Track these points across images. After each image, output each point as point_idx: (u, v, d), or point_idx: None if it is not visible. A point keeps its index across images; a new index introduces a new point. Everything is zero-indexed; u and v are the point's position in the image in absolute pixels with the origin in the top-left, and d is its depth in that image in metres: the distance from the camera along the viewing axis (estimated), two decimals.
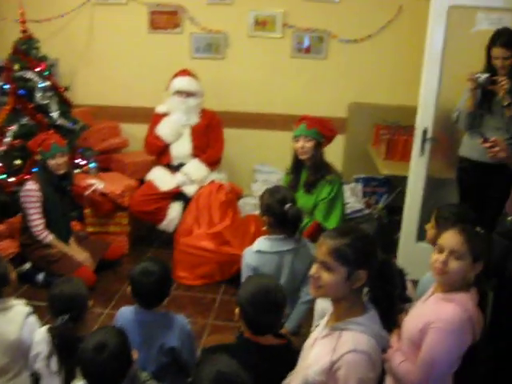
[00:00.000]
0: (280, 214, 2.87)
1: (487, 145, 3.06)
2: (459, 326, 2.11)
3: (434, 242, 2.66)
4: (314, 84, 5.33)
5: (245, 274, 2.95)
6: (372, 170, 5.20)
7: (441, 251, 2.22)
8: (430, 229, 2.75)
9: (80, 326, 2.47)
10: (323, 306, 2.63)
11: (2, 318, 2.60)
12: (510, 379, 2.89)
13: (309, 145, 3.65)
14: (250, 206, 4.87)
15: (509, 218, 2.97)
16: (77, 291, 2.57)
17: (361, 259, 1.85)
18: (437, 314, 2.15)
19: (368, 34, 5.17)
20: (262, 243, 2.96)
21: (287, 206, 2.88)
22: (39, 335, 2.54)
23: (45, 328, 2.55)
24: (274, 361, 2.21)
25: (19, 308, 2.66)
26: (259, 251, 2.92)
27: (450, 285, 2.21)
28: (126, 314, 2.60)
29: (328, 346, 1.89)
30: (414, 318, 2.25)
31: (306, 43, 5.25)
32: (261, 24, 5.21)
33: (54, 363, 2.40)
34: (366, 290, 1.94)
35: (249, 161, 5.45)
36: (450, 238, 2.20)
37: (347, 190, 5.03)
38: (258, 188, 5.19)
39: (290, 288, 2.92)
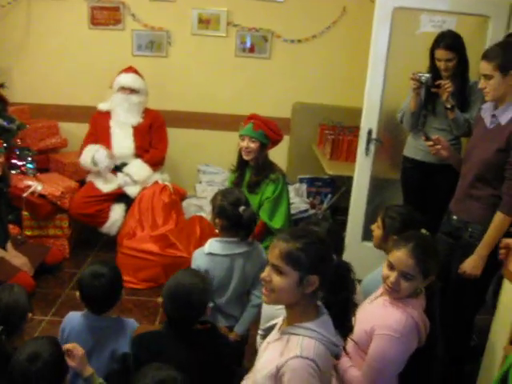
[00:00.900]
0: (234, 217, 2.81)
1: (429, 143, 3.09)
2: (406, 334, 2.13)
3: (379, 242, 2.72)
4: (258, 84, 5.30)
5: None
6: (317, 170, 5.21)
7: (391, 269, 2.22)
8: (376, 229, 2.75)
9: (16, 339, 2.34)
10: (270, 308, 2.58)
11: None
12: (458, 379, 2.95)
13: (253, 146, 3.61)
14: (194, 207, 4.79)
15: (454, 217, 3.01)
16: (16, 301, 2.42)
17: (314, 264, 1.80)
18: (384, 320, 2.16)
19: (312, 35, 5.18)
20: (213, 245, 2.88)
21: (241, 208, 2.81)
22: None
23: None
24: (198, 344, 2.25)
25: None
26: (210, 253, 2.84)
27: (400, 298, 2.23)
28: (74, 319, 2.49)
29: (277, 350, 1.85)
30: (361, 320, 2.22)
31: (250, 43, 5.20)
32: (204, 22, 5.13)
33: None
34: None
35: (193, 161, 5.37)
36: (401, 260, 2.19)
37: (292, 190, 5.03)
38: (203, 189, 5.13)
39: (240, 291, 2.89)
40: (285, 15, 5.11)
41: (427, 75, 3.53)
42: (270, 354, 1.89)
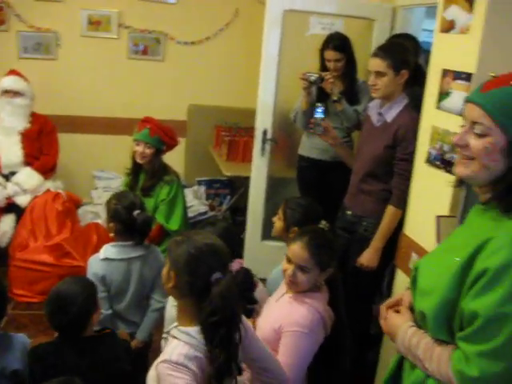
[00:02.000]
0: (128, 221, 2.75)
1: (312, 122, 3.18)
2: (313, 327, 2.18)
3: (280, 233, 2.78)
4: (152, 86, 5.23)
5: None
6: (214, 172, 5.21)
7: (289, 262, 2.26)
8: (277, 221, 2.81)
9: None
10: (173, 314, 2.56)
11: None
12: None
13: (148, 151, 3.57)
14: (90, 214, 4.65)
15: (348, 212, 3.10)
16: None
17: None
18: (291, 317, 2.19)
19: (205, 36, 5.18)
20: (108, 250, 2.82)
21: (136, 212, 2.77)
22: None
23: None
24: (94, 352, 2.22)
25: None
26: (106, 259, 2.78)
27: (301, 291, 2.27)
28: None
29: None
30: (268, 318, 2.27)
31: (143, 45, 5.12)
32: (95, 24, 4.99)
33: None
34: None
35: (87, 167, 5.20)
36: (297, 253, 2.24)
37: (190, 192, 5.00)
38: (99, 195, 4.99)
39: (139, 296, 2.86)
40: (178, 17, 5.08)
41: (316, 75, 3.61)
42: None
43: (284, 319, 2.19)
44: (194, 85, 5.28)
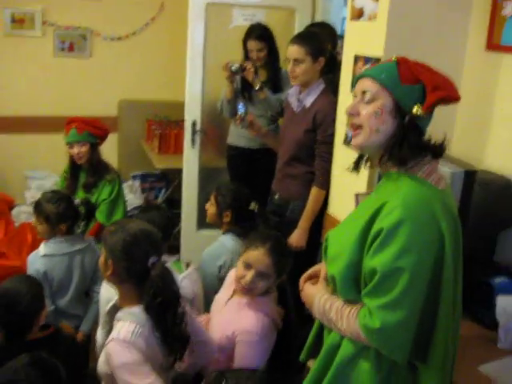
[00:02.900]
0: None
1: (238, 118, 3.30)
2: (264, 333, 2.26)
3: (214, 218, 2.93)
4: (80, 83, 5.22)
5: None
6: (148, 166, 5.25)
7: (248, 267, 2.27)
8: (210, 207, 2.96)
9: None
10: (108, 296, 2.60)
11: None
12: None
13: (84, 149, 3.57)
14: (24, 214, 4.63)
15: (276, 197, 3.24)
16: None
17: None
18: (242, 325, 2.26)
19: (132, 31, 5.21)
20: (47, 247, 2.87)
21: (76, 201, 2.95)
22: None
23: None
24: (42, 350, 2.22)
25: None
26: (46, 255, 2.83)
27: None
28: None
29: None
30: (219, 322, 2.35)
31: (68, 42, 5.11)
32: (18, 22, 4.94)
33: None
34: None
35: (19, 167, 5.14)
36: (259, 259, 2.25)
37: (125, 187, 5.02)
38: (32, 195, 4.95)
39: (82, 289, 2.94)
40: (103, 13, 5.09)
41: (237, 65, 3.71)
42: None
43: (235, 326, 2.26)
44: (122, 80, 5.30)
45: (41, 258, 2.84)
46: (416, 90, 1.58)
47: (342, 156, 2.84)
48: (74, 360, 2.34)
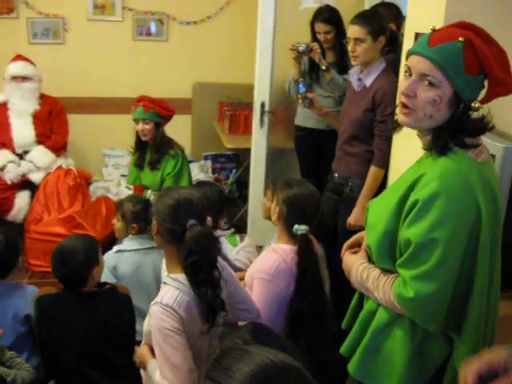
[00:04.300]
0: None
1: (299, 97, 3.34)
2: (276, 275, 2.31)
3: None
4: (157, 66, 5.41)
5: (104, 274, 2.88)
6: (220, 147, 5.39)
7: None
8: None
9: None
10: None
11: None
12: None
13: (148, 127, 3.75)
14: (101, 189, 4.90)
15: (335, 175, 3.28)
16: None
17: None
18: (261, 264, 2.38)
19: (207, 16, 5.34)
20: (120, 244, 3.05)
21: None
22: None
23: None
24: (96, 304, 2.42)
25: None
26: (119, 251, 2.99)
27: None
28: None
29: None
30: (252, 265, 2.47)
31: (146, 26, 5.31)
32: (100, 8, 5.19)
33: None
34: None
35: (97, 146, 5.43)
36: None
37: (197, 167, 5.20)
38: (109, 172, 5.23)
39: (156, 287, 2.94)
40: None
41: (304, 45, 3.75)
42: None
43: (257, 266, 2.39)
44: (197, 63, 5.45)
45: (113, 254, 3.01)
46: (478, 81, 1.57)
47: (401, 134, 2.83)
48: (126, 317, 2.48)
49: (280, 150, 4.69)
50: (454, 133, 1.59)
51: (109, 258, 2.99)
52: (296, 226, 2.35)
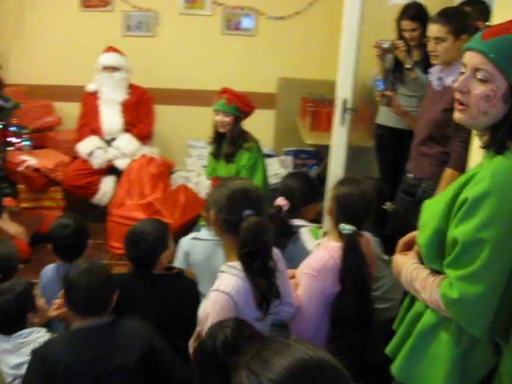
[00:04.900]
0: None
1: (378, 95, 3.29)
2: (322, 272, 2.28)
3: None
4: (243, 60, 5.49)
5: (178, 258, 3.02)
6: (302, 143, 5.40)
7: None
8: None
9: None
10: None
11: None
12: None
13: (228, 119, 3.83)
14: (182, 178, 5.04)
15: (409, 175, 3.22)
16: (10, 253, 2.72)
17: None
18: (309, 260, 2.36)
19: (295, 11, 5.35)
20: (201, 232, 3.09)
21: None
22: None
23: None
24: (163, 286, 2.50)
25: None
26: (195, 238, 3.04)
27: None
28: (48, 271, 2.76)
29: None
30: (302, 262, 2.45)
31: (237, 20, 5.40)
32: (191, 2, 5.33)
33: None
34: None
35: (182, 136, 5.57)
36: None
37: (277, 162, 5.24)
38: (192, 163, 5.36)
39: None
40: None
41: (388, 42, 3.71)
42: None
43: (305, 262, 2.38)
44: (283, 58, 5.48)
45: (188, 240, 3.07)
46: None
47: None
48: (190, 301, 2.53)
49: (360, 149, 4.64)
50: (511, 130, 1.53)
51: (183, 243, 3.06)
52: (342, 225, 2.30)
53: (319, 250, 2.40)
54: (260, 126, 4.15)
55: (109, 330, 2.16)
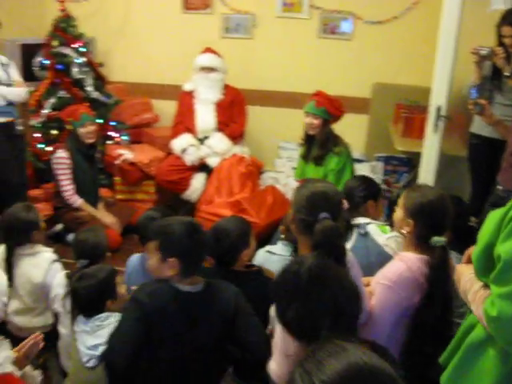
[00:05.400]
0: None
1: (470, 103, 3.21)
2: (398, 283, 2.20)
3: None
4: (339, 64, 5.48)
5: None
6: (394, 149, 5.32)
7: None
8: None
9: None
10: None
11: (29, 261, 2.90)
12: None
13: (316, 122, 3.87)
14: (271, 179, 5.10)
15: (498, 187, 3.11)
16: (99, 241, 2.86)
17: None
18: (385, 270, 2.30)
19: (393, 16, 5.28)
20: (277, 246, 3.09)
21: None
22: (59, 279, 2.84)
23: (64, 273, 2.85)
24: (242, 283, 2.49)
25: (46, 254, 2.96)
26: (269, 251, 3.06)
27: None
28: (133, 261, 2.88)
29: None
30: (378, 272, 2.40)
31: (336, 24, 5.40)
32: (288, 5, 5.39)
33: (69, 304, 2.67)
34: None
35: (274, 138, 5.63)
36: None
37: (367, 167, 5.19)
38: (282, 164, 5.41)
39: None
40: None
41: (487, 49, 3.59)
42: None
43: (381, 272, 2.32)
44: (379, 63, 5.42)
45: (263, 253, 3.08)
46: None
47: None
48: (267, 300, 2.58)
49: (452, 158, 4.52)
50: None
51: (259, 255, 3.08)
52: (435, 238, 2.19)
53: (395, 261, 2.33)
54: (352, 130, 4.14)
55: (204, 294, 2.21)
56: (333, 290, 1.63)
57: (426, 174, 4.38)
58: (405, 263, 2.24)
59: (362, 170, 5.08)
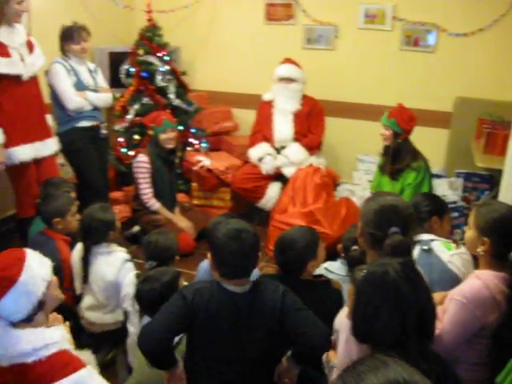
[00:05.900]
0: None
1: None
2: (473, 301, 2.14)
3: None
4: (420, 77, 5.38)
5: None
6: (475, 166, 5.17)
7: None
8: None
9: None
10: None
11: (104, 259, 3.04)
12: None
13: (387, 133, 3.89)
14: (347, 191, 5.08)
15: None
16: (169, 245, 2.95)
17: None
18: (461, 287, 2.24)
19: (478, 28, 5.15)
20: (335, 264, 3.07)
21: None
22: (129, 279, 2.95)
23: (134, 273, 2.96)
24: (308, 292, 2.50)
25: (120, 254, 3.09)
26: (326, 269, 3.04)
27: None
28: (204, 265, 2.95)
29: None
30: (454, 289, 2.34)
31: (414, 37, 5.32)
32: (371, 17, 5.36)
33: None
34: None
35: (352, 150, 5.61)
36: None
37: (445, 183, 5.07)
38: (359, 177, 5.38)
39: None
40: (451, 9, 5.14)
41: None
42: None
43: (457, 289, 2.25)
44: (462, 77, 5.28)
45: (321, 268, 2.99)
46: None
47: None
48: (334, 310, 2.56)
49: None
50: None
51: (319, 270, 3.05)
52: None
53: (471, 278, 2.27)
54: (433, 144, 4.06)
55: (249, 294, 2.18)
56: (418, 291, 1.68)
57: (507, 192, 4.23)
58: (482, 281, 2.19)
59: (440, 185, 4.98)
